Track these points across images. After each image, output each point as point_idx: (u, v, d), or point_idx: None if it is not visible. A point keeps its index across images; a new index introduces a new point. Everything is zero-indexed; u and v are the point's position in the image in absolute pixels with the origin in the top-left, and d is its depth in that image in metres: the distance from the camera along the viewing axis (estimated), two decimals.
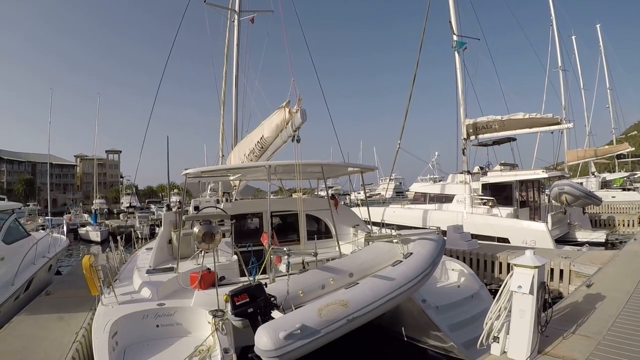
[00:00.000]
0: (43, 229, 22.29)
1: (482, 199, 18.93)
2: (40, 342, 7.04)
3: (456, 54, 21.10)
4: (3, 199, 13.14)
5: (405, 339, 7.93)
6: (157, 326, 6.86)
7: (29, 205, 61.81)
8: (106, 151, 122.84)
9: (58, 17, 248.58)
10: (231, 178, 12.99)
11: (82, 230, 42.20)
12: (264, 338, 5.17)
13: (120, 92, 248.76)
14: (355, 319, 5.80)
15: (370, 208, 11.75)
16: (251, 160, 11.14)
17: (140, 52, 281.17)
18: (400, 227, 14.92)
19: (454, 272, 9.71)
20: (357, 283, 6.63)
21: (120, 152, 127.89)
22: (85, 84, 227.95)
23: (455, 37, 21.05)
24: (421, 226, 18.81)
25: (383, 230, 10.76)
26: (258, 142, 10.66)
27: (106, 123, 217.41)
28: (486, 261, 13.47)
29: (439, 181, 26.45)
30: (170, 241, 10.73)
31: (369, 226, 11.47)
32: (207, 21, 17.70)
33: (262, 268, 7.92)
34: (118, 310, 7.00)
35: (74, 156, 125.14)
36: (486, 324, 5.90)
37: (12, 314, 8.74)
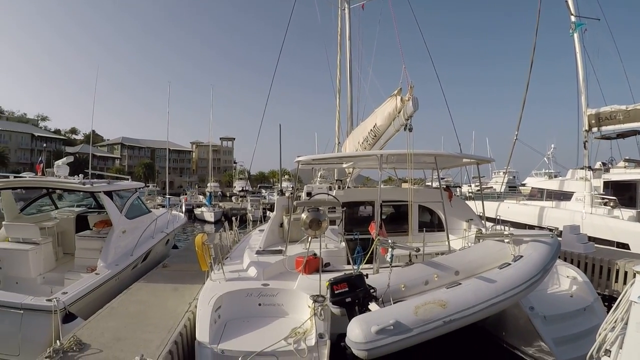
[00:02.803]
0: (163, 207, 24.02)
1: (603, 199, 17.17)
2: (155, 308, 7.64)
3: (575, 37, 19.38)
4: (127, 179, 14.64)
5: (505, 345, 7.67)
6: (259, 305, 7.17)
7: (148, 186, 66.99)
8: (220, 138, 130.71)
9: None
10: (344, 165, 13.22)
11: (197, 211, 45.59)
12: (356, 330, 5.23)
13: (235, 82, 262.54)
14: (453, 321, 5.63)
15: (484, 202, 11.37)
16: (365, 149, 11.23)
17: (258, 36, 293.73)
18: (514, 225, 14.24)
19: (567, 279, 8.96)
20: (460, 283, 6.44)
21: (234, 139, 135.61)
22: (202, 74, 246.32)
23: (572, 18, 19.31)
24: (536, 224, 17.77)
25: (498, 227, 10.31)
26: (371, 130, 10.70)
27: (222, 111, 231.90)
28: (602, 267, 12.24)
29: (555, 176, 24.71)
30: (281, 225, 11.11)
31: (483, 221, 11.13)
32: (318, 10, 18.03)
33: (367, 257, 7.85)
34: (224, 286, 7.44)
35: (190, 143, 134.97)
36: (599, 334, 5.53)
37: (130, 282, 9.57)
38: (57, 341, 5.99)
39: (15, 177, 11.26)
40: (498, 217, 12.89)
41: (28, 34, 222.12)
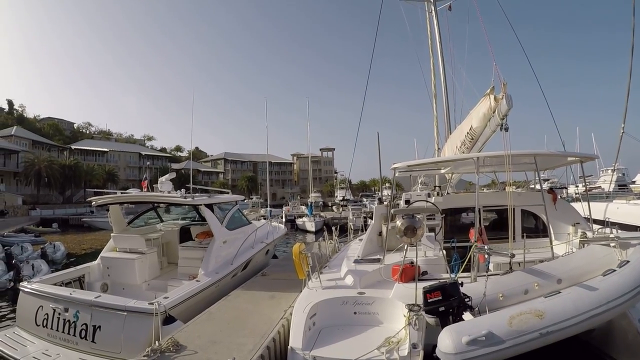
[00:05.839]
0: (264, 219, 24.95)
1: None
2: (251, 314, 8.05)
3: None
4: (227, 193, 15.73)
5: None
6: (355, 313, 7.27)
7: (252, 198, 69.90)
8: (320, 149, 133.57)
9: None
10: (442, 171, 13.07)
11: (299, 221, 47.00)
12: (446, 340, 5.22)
13: (331, 92, 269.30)
14: (550, 333, 5.40)
15: (591, 203, 10.70)
16: (463, 152, 11.10)
17: (347, 52, 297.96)
18: (625, 227, 13.23)
19: None
20: (560, 292, 6.17)
21: (334, 149, 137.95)
22: (300, 87, 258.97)
23: None
24: None
25: (605, 231, 9.66)
26: (468, 133, 10.59)
27: (321, 122, 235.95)
28: None
29: None
30: (380, 233, 11.20)
31: (589, 225, 10.48)
32: (405, 17, 17.91)
33: (464, 265, 7.74)
34: (320, 294, 7.64)
35: (291, 155, 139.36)
36: None
37: (230, 289, 10.16)
38: (156, 342, 6.55)
39: (122, 193, 12.35)
40: (607, 219, 12.02)
41: (140, 63, 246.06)
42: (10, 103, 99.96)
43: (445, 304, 5.99)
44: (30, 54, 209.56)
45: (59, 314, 8.10)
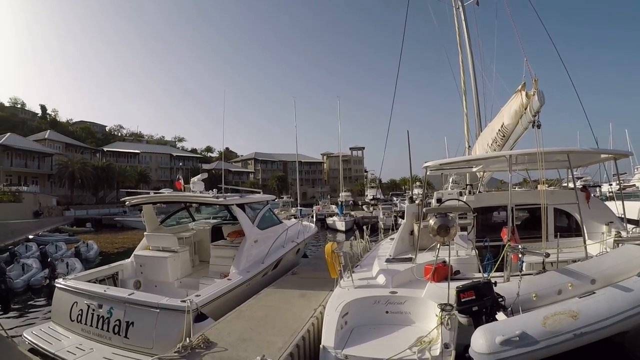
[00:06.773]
0: (295, 218, 25.10)
1: None
2: (282, 312, 8.10)
3: None
4: (258, 192, 15.89)
5: None
6: (387, 312, 7.25)
7: (282, 197, 70.48)
8: (350, 148, 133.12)
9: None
10: (474, 169, 12.93)
11: (329, 220, 47.23)
12: (480, 340, 5.20)
13: (361, 92, 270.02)
14: (584, 334, 5.33)
15: (625, 202, 10.42)
16: (494, 150, 10.94)
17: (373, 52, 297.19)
18: None
19: None
20: (594, 293, 6.07)
21: (363, 148, 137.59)
22: (328, 87, 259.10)
23: None
24: None
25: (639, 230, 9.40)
26: (499, 130, 10.43)
27: (351, 121, 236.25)
28: None
29: None
30: (412, 232, 11.15)
31: (624, 224, 10.23)
32: (433, 14, 17.71)
33: (497, 265, 7.66)
34: (352, 293, 7.64)
35: (321, 154, 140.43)
36: None
37: (260, 288, 10.22)
38: (187, 338, 6.66)
39: (154, 193, 12.59)
40: None
41: (164, 69, 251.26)
42: (43, 108, 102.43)
43: (479, 304, 5.95)
44: (66, 60, 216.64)
45: (93, 310, 8.36)
